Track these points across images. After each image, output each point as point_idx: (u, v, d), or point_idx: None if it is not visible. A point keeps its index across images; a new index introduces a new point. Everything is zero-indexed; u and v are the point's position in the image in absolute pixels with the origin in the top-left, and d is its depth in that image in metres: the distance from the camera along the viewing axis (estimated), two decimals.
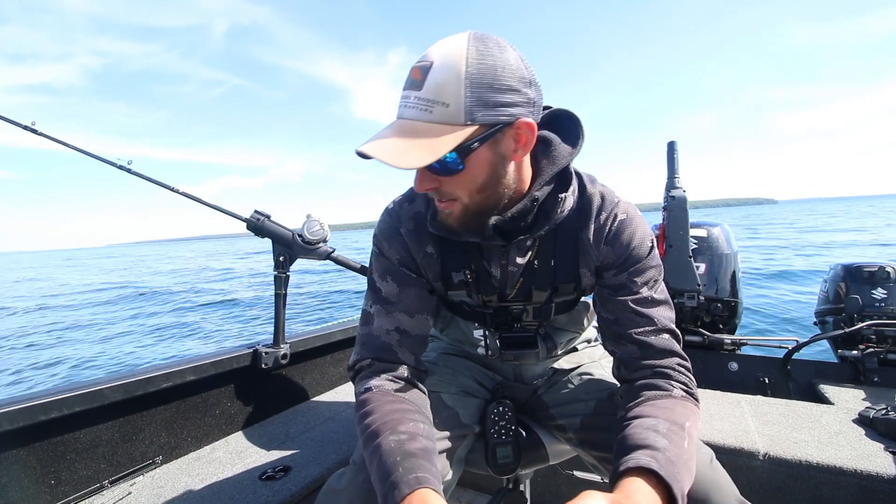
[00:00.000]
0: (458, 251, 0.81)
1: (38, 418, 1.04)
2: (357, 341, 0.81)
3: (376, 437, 0.64)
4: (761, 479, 1.21)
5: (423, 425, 0.68)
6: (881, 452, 1.18)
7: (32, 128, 1.48)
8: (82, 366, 6.83)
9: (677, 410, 0.67)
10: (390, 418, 0.67)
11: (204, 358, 1.42)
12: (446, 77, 0.60)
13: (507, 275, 0.82)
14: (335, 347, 1.90)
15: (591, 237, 0.78)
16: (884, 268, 1.99)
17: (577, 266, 0.81)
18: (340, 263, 1.64)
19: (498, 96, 0.61)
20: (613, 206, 0.78)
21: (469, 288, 0.83)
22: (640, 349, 0.74)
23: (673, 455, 0.58)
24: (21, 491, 1.03)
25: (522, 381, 0.99)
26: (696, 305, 2.14)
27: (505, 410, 0.88)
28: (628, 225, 0.77)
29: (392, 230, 0.82)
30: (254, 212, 1.57)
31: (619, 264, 0.77)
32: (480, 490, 1.60)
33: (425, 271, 0.83)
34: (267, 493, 1.10)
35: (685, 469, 0.59)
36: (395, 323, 0.79)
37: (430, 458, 0.63)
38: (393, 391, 0.73)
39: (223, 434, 1.46)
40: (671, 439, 0.61)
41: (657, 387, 0.71)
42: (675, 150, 2.19)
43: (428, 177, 0.65)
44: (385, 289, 0.81)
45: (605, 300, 0.80)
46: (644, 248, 0.77)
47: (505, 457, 0.87)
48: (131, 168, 1.55)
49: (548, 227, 0.75)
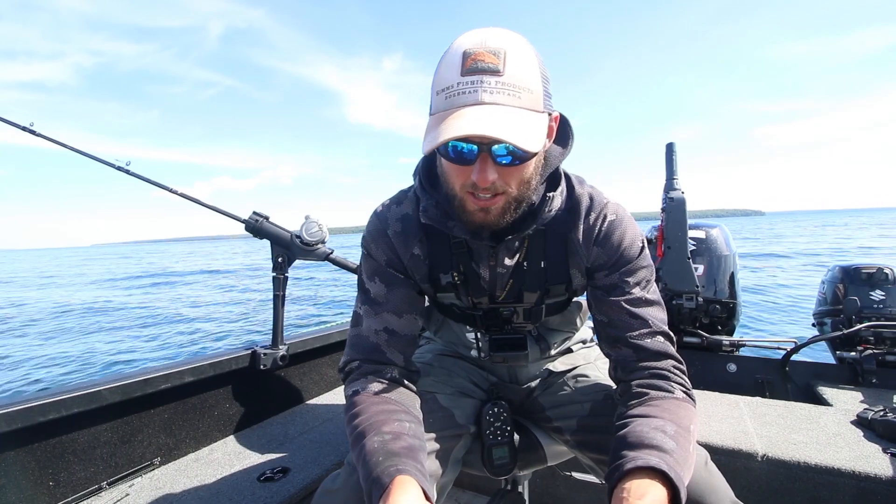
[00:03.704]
0: (446, 253, 0.81)
1: (36, 420, 1.04)
2: (347, 343, 0.82)
3: (362, 439, 0.65)
4: (760, 481, 1.21)
5: (408, 424, 0.69)
6: (879, 454, 1.18)
7: (31, 129, 1.48)
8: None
9: (681, 413, 0.67)
10: (376, 419, 0.67)
11: (202, 359, 1.42)
12: (527, 62, 0.60)
13: (496, 276, 0.82)
14: (333, 349, 1.90)
15: (581, 238, 0.78)
16: (882, 269, 1.99)
17: (566, 267, 0.81)
18: (339, 264, 1.64)
19: (549, 88, 0.65)
20: (602, 207, 0.78)
21: (458, 290, 0.83)
22: (636, 352, 0.75)
23: (680, 458, 0.59)
24: (19, 492, 1.03)
25: (518, 383, 0.99)
26: (694, 307, 2.14)
27: (500, 411, 0.88)
28: (618, 226, 0.77)
29: (379, 232, 0.82)
30: (252, 213, 1.57)
31: (611, 265, 0.77)
32: (479, 491, 1.60)
33: (413, 273, 0.83)
34: (265, 495, 1.10)
35: (688, 472, 0.60)
36: (383, 323, 0.79)
37: (414, 455, 0.63)
38: (380, 392, 0.73)
39: (222, 435, 1.46)
40: (679, 442, 0.61)
41: (658, 387, 0.71)
42: (674, 152, 2.19)
43: (493, 168, 0.62)
44: (373, 290, 0.81)
45: (598, 301, 0.80)
46: (635, 248, 0.77)
47: (501, 457, 0.87)
48: (129, 169, 1.55)
49: (535, 225, 0.75)
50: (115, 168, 1.54)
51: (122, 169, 1.55)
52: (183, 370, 1.34)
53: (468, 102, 0.58)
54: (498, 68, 0.59)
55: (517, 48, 0.60)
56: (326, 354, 1.88)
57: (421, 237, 0.81)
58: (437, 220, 0.76)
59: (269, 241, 1.56)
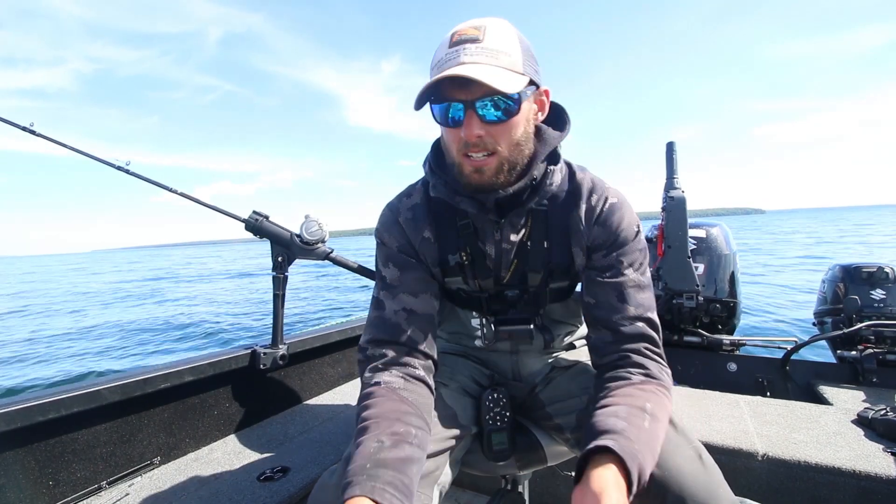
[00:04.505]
0: (454, 235, 0.86)
1: (35, 419, 1.04)
2: (367, 324, 0.84)
3: (363, 434, 0.66)
4: (760, 480, 1.21)
5: (414, 430, 0.68)
6: (880, 453, 1.18)
7: (31, 129, 1.48)
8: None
9: (637, 395, 0.70)
10: (385, 418, 0.68)
11: (202, 359, 1.42)
12: (505, 34, 0.70)
13: (502, 252, 0.85)
14: (333, 348, 1.90)
15: (583, 217, 0.82)
16: (882, 268, 1.99)
17: (569, 247, 0.84)
18: (339, 263, 1.64)
19: (533, 62, 0.73)
20: (604, 191, 0.83)
21: (465, 272, 0.87)
22: (613, 335, 0.78)
23: (632, 435, 0.61)
24: (19, 492, 1.03)
25: (521, 380, 0.99)
26: (694, 306, 2.14)
27: (500, 397, 0.89)
28: (618, 209, 0.82)
29: (392, 221, 0.88)
30: (252, 212, 1.57)
31: (609, 245, 0.81)
32: (479, 491, 1.60)
33: (424, 257, 0.87)
34: (265, 494, 1.10)
35: (646, 448, 0.61)
36: (401, 304, 0.82)
37: (403, 468, 0.62)
38: (398, 389, 0.74)
39: (221, 435, 1.46)
40: (630, 421, 0.63)
41: (619, 377, 0.74)
42: (674, 151, 2.19)
43: (478, 124, 0.69)
44: (389, 275, 0.85)
45: (590, 283, 0.83)
46: (632, 231, 0.81)
47: (500, 443, 0.88)
48: (129, 169, 1.55)
49: (538, 198, 0.80)
50: (115, 168, 1.54)
51: (121, 168, 1.55)
52: (182, 370, 1.33)
53: (451, 66, 0.67)
54: (478, 38, 0.68)
55: (497, 23, 0.70)
56: (326, 354, 1.88)
57: (430, 222, 0.86)
58: (445, 194, 0.81)
59: (269, 241, 1.56)
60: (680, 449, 0.68)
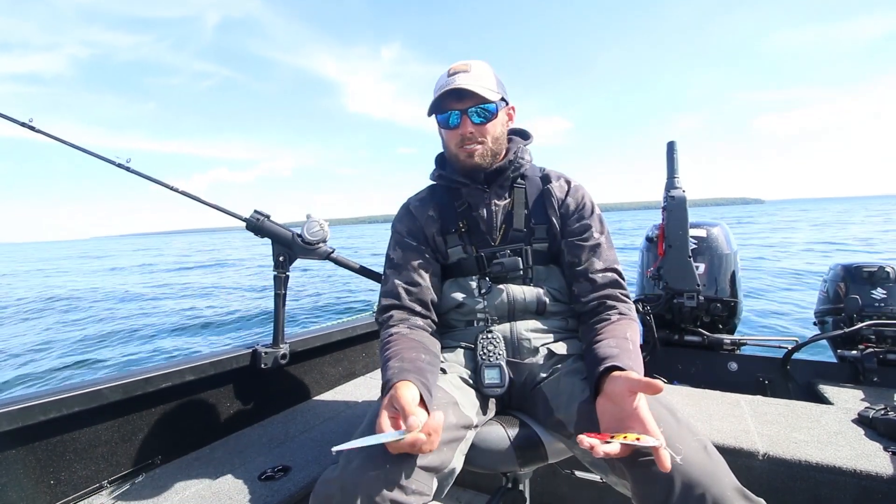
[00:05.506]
0: (452, 212, 1.12)
1: (37, 418, 1.04)
2: (380, 294, 1.10)
3: (388, 361, 0.87)
4: (761, 479, 1.21)
5: (424, 356, 0.90)
6: (880, 452, 1.18)
7: (30, 125, 1.47)
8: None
9: (617, 329, 0.93)
10: (402, 347, 0.91)
11: (203, 358, 1.42)
12: (485, 69, 1.05)
13: (492, 215, 1.09)
14: (334, 347, 1.90)
15: (555, 190, 1.11)
16: (883, 268, 1.99)
17: (545, 211, 1.10)
18: (340, 264, 1.63)
19: (503, 88, 1.08)
20: (568, 178, 1.14)
21: (464, 239, 1.09)
22: (591, 284, 1.02)
23: (625, 355, 0.82)
24: (20, 491, 1.03)
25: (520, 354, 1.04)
26: (695, 305, 2.14)
27: (494, 336, 1.02)
28: (581, 187, 1.13)
29: (404, 212, 1.17)
30: (253, 212, 1.57)
31: (579, 211, 1.09)
32: (480, 490, 1.61)
33: (430, 232, 1.11)
34: (266, 493, 1.10)
35: (636, 362, 0.83)
36: (404, 278, 1.07)
37: (422, 374, 0.82)
38: (408, 335, 0.97)
39: (222, 434, 1.46)
40: (621, 347, 0.85)
41: (602, 319, 0.98)
42: (675, 150, 2.19)
43: (470, 124, 1.03)
44: (396, 256, 1.11)
45: (570, 247, 1.07)
46: (591, 202, 1.11)
47: (492, 378, 0.97)
48: (130, 166, 1.54)
49: (514, 172, 1.10)
50: (115, 165, 1.53)
51: (122, 166, 1.54)
52: (184, 369, 1.33)
53: (450, 86, 1.00)
54: (467, 70, 1.03)
55: (480, 63, 1.06)
56: (327, 353, 1.88)
57: (434, 204, 1.14)
58: (448, 177, 1.12)
59: (271, 240, 1.56)
60: (686, 440, 0.71)
